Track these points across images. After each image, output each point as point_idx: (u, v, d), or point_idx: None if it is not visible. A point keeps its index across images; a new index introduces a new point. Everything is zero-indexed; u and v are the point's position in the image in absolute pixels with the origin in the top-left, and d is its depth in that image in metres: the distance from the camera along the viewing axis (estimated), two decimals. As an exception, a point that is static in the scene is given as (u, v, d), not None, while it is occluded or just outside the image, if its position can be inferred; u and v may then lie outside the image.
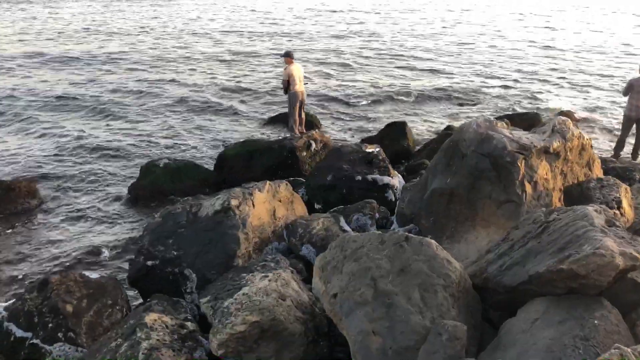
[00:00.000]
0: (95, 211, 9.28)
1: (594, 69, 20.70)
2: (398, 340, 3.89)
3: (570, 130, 6.35)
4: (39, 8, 39.13)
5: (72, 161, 11.47)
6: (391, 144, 11.11)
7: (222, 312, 4.60)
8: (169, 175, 9.50)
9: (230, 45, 24.82)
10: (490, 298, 4.47)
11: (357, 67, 20.66)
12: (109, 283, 5.72)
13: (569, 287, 3.94)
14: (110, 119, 14.31)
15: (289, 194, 7.06)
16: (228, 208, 6.22)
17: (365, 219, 7.13)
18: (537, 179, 5.91)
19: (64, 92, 16.71)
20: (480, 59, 22.49)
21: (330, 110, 15.29)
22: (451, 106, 15.85)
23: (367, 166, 8.54)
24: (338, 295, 4.31)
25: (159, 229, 6.37)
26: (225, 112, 15.10)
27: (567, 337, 3.53)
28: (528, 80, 18.88)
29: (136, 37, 26.80)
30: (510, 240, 4.75)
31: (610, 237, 4.04)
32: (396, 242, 4.41)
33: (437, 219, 6.25)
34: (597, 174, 6.69)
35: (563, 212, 4.67)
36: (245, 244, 6.05)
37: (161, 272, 6.00)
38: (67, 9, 39.12)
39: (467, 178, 6.05)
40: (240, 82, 18.28)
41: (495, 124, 6.37)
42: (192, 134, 13.25)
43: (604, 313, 3.73)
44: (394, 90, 17.21)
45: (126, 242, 8.25)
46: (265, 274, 4.99)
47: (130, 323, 4.84)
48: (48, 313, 5.21)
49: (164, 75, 19.09)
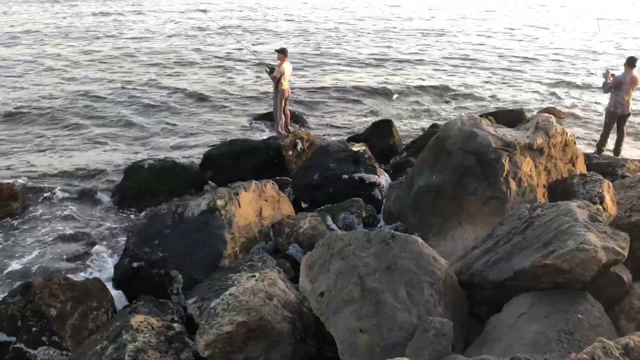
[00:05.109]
0: (79, 213, 9.16)
1: (577, 66, 20.96)
2: (385, 338, 3.91)
3: (553, 126, 6.42)
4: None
5: (54, 163, 11.31)
6: (377, 142, 11.13)
7: (208, 313, 4.57)
8: (154, 176, 9.40)
9: (211, 46, 24.67)
10: (476, 294, 4.50)
11: (343, 66, 20.67)
12: (94, 285, 5.66)
13: (554, 282, 3.98)
14: (94, 121, 14.14)
15: (275, 193, 7.05)
16: (214, 208, 6.19)
17: (352, 218, 7.14)
18: (521, 176, 5.97)
19: (50, 93, 16.49)
20: (465, 56, 22.64)
21: (317, 108, 15.28)
22: (437, 104, 15.93)
23: (353, 165, 8.56)
24: (325, 293, 4.31)
25: (145, 230, 6.32)
26: (210, 112, 15.02)
27: (552, 331, 3.57)
28: (513, 77, 19.05)
29: (113, 39, 26.50)
30: (496, 237, 4.79)
31: (593, 232, 4.10)
32: (382, 240, 4.42)
33: (423, 216, 6.28)
34: (580, 169, 6.77)
35: (547, 207, 4.72)
36: (232, 244, 6.03)
37: (147, 274, 5.95)
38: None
39: (452, 175, 6.09)
40: (224, 82, 18.19)
41: (480, 122, 6.42)
42: (177, 134, 13.14)
43: (588, 307, 3.78)
44: (380, 88, 17.25)
45: (111, 243, 8.16)
46: (252, 274, 4.97)
47: (116, 325, 4.80)
48: (32, 317, 5.15)
49: (145, 76, 18.91)
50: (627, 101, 10.27)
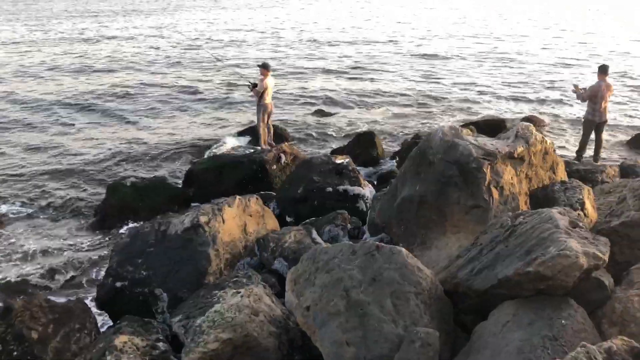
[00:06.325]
0: (60, 232, 9.04)
1: (556, 75, 21.35)
2: (372, 350, 3.89)
3: (533, 135, 6.50)
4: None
5: (34, 180, 11.16)
6: (361, 154, 11.20)
7: (194, 331, 4.52)
8: (136, 193, 9.32)
9: (195, 56, 24.70)
10: (461, 303, 4.51)
11: (324, 78, 20.81)
12: (77, 306, 5.55)
13: (537, 289, 4.01)
14: (75, 137, 14.01)
15: (259, 208, 7.02)
16: (197, 225, 6.14)
17: (337, 230, 7.13)
18: (503, 184, 6.03)
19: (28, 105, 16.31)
20: (445, 67, 22.94)
21: (299, 122, 15.34)
22: (418, 114, 16.09)
23: (337, 177, 8.57)
24: (311, 307, 4.29)
25: (128, 249, 6.24)
26: (192, 127, 14.99)
27: (536, 338, 3.59)
28: (492, 87, 19.33)
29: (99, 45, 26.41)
30: (479, 245, 4.82)
31: (574, 238, 4.14)
32: (367, 252, 4.42)
33: (407, 227, 6.29)
34: (561, 176, 6.86)
35: (529, 215, 4.77)
36: (216, 261, 5.98)
37: (131, 293, 5.87)
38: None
39: (435, 185, 6.12)
40: (205, 94, 18.19)
41: (461, 131, 6.48)
42: (159, 150, 13.07)
43: (571, 312, 3.81)
44: (362, 100, 17.39)
45: (94, 263, 8.05)
46: (237, 290, 4.93)
47: (100, 347, 4.71)
48: (12, 340, 5.02)
49: (124, 88, 18.83)
50: (604, 108, 10.48)
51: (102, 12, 46.80)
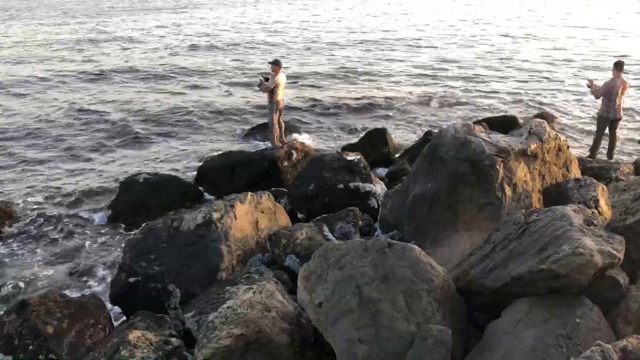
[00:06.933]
0: (74, 229, 9.13)
1: (568, 71, 21.13)
2: (384, 347, 3.89)
3: (546, 132, 6.45)
4: None
5: (48, 179, 11.28)
6: (372, 151, 11.16)
7: (207, 327, 4.55)
8: (149, 190, 9.38)
9: (206, 59, 24.78)
10: (474, 300, 4.50)
11: (337, 76, 20.78)
12: (91, 302, 5.62)
13: (551, 287, 3.99)
14: (88, 135, 14.14)
15: (271, 204, 7.04)
16: (210, 221, 6.17)
17: (349, 227, 7.13)
18: (516, 181, 5.99)
19: (54, 110, 16.48)
20: (456, 63, 22.80)
21: (310, 119, 15.33)
22: (430, 111, 16.01)
23: (348, 174, 8.56)
24: (323, 304, 4.30)
25: (141, 245, 6.29)
26: (204, 124, 15.05)
27: (550, 337, 3.57)
28: (505, 83, 19.18)
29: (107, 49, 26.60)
30: (492, 243, 4.80)
31: (588, 235, 4.11)
32: (379, 249, 4.42)
33: (419, 224, 6.28)
34: (575, 174, 6.80)
35: (542, 213, 4.74)
36: (229, 257, 6.01)
37: (144, 289, 5.91)
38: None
39: (447, 183, 6.10)
40: (218, 95, 18.25)
41: (473, 128, 6.44)
42: (171, 147, 13.16)
43: (585, 311, 3.78)
44: (373, 97, 17.33)
45: (107, 259, 8.13)
46: (250, 286, 4.96)
47: (114, 341, 4.76)
48: (28, 335, 5.09)
49: (140, 89, 18.96)
50: (618, 105, 10.35)
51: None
